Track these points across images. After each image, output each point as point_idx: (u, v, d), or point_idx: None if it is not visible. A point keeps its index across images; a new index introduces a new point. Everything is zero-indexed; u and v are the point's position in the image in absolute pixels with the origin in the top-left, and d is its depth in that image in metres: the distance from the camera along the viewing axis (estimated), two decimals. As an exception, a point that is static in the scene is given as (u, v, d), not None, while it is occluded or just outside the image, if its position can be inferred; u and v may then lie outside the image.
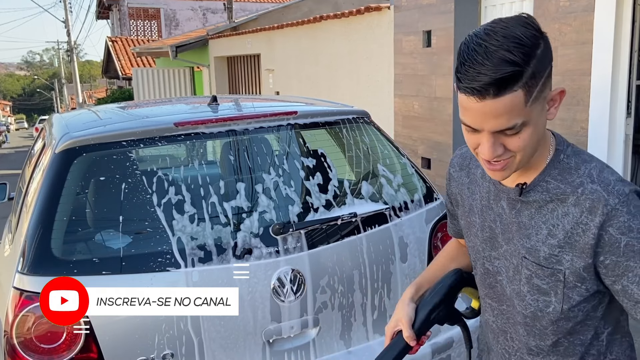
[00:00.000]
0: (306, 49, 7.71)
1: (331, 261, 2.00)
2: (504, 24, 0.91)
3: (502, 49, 0.87)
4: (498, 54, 0.87)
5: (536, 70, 0.90)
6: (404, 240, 2.17)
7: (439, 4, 5.12)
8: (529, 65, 0.88)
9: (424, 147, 5.60)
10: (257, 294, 1.88)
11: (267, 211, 1.99)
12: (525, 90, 0.89)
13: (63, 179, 1.86)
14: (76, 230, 1.90)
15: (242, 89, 10.57)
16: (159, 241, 1.84)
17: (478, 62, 0.87)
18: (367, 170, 2.35)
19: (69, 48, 27.60)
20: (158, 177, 1.93)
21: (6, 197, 3.39)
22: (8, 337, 1.68)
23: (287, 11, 10.73)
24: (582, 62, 3.79)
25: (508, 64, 0.87)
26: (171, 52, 11.14)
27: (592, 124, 3.75)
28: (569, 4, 3.86)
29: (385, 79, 6.10)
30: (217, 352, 1.85)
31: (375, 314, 2.11)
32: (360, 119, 2.41)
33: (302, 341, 1.99)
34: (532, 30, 0.90)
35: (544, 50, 0.92)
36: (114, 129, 2.06)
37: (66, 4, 25.10)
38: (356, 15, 6.40)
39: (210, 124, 2.07)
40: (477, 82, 0.88)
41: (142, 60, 18.12)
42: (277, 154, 2.22)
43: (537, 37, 0.91)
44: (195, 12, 22.28)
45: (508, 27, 0.90)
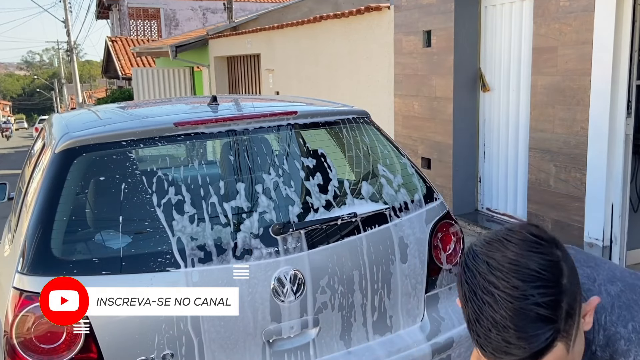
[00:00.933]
0: (306, 49, 7.71)
1: (331, 261, 2.00)
2: (511, 259, 0.70)
3: (524, 301, 0.67)
4: (522, 312, 0.67)
5: (570, 307, 0.70)
6: (404, 240, 2.17)
7: (439, 4, 5.12)
8: (561, 310, 0.69)
9: (424, 147, 5.60)
10: (257, 294, 1.88)
11: (267, 211, 1.99)
12: (565, 339, 0.71)
13: (63, 179, 1.86)
14: (76, 230, 1.90)
15: (242, 89, 10.56)
16: (159, 241, 1.84)
17: (498, 324, 0.68)
18: (367, 170, 2.35)
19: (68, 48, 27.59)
20: (158, 177, 1.93)
21: (6, 197, 3.39)
22: (8, 337, 1.68)
23: (287, 11, 10.72)
24: (582, 62, 3.79)
25: (540, 323, 0.67)
26: (171, 52, 11.13)
27: (592, 124, 3.75)
28: (569, 4, 3.86)
29: (385, 79, 6.09)
30: (217, 352, 1.85)
31: (375, 314, 2.11)
32: (360, 119, 2.41)
33: (302, 341, 1.99)
34: (548, 255, 0.70)
35: (568, 270, 0.72)
36: (114, 129, 2.06)
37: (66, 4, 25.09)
38: (356, 15, 6.39)
39: (210, 124, 2.07)
40: (510, 356, 0.69)
41: (142, 60, 18.11)
42: (277, 154, 2.22)
43: (557, 262, 0.70)
44: (195, 12, 22.28)
45: (518, 262, 0.69)
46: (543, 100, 4.16)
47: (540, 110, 4.19)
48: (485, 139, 5.20)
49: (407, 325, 2.19)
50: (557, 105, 4.03)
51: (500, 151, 5.02)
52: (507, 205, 5.03)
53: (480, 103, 5.19)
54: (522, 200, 4.77)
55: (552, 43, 4.01)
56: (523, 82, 4.61)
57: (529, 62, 4.41)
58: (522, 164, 4.67)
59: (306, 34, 7.67)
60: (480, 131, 5.24)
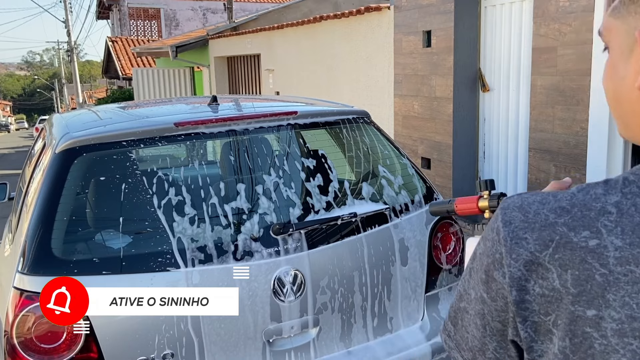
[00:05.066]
0: (306, 49, 7.71)
1: (331, 261, 2.01)
2: None
3: None
4: None
5: None
6: (404, 240, 2.17)
7: (439, 4, 5.12)
8: None
9: (424, 147, 5.60)
10: (258, 294, 1.88)
11: (267, 211, 1.99)
12: None
13: (63, 179, 1.86)
14: (76, 230, 1.90)
15: (242, 89, 10.56)
16: (159, 241, 1.84)
17: None
18: (367, 170, 2.35)
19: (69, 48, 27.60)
20: (158, 177, 1.93)
21: (6, 197, 3.39)
22: (8, 337, 1.68)
23: (287, 11, 10.73)
24: (582, 62, 3.79)
25: None
26: (171, 52, 11.14)
27: (592, 124, 3.76)
28: (569, 4, 3.86)
29: (385, 79, 6.10)
30: (217, 351, 1.85)
31: (375, 314, 2.11)
32: (361, 119, 2.41)
33: (302, 341, 1.99)
34: None
35: None
36: (114, 129, 2.06)
37: (66, 4, 25.09)
38: (356, 16, 6.40)
39: (210, 124, 2.07)
40: None
41: (142, 60, 18.12)
42: (277, 154, 2.22)
43: None
44: (195, 12, 22.28)
45: None
46: (543, 100, 4.16)
47: (540, 110, 4.20)
48: (485, 139, 5.20)
49: (407, 325, 2.19)
50: (557, 105, 4.04)
51: (500, 151, 5.02)
52: (507, 205, 5.02)
53: (480, 103, 5.19)
54: (522, 200, 4.76)
55: (551, 43, 4.01)
56: (523, 82, 4.62)
57: (528, 62, 4.41)
58: (522, 164, 4.67)
59: (306, 34, 7.67)
60: (480, 131, 5.24)
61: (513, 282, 0.60)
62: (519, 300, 0.60)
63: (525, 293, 0.59)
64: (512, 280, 0.60)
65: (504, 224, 0.62)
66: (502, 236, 0.61)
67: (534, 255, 0.59)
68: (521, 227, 0.60)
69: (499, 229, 0.62)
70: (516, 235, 0.60)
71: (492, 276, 0.62)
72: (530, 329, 0.60)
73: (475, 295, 0.66)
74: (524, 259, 0.59)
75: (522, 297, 0.59)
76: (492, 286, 0.63)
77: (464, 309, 0.68)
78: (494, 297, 0.63)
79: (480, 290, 0.65)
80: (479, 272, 0.65)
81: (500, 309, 0.62)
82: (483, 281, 0.64)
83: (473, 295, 0.66)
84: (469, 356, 0.68)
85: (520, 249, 0.59)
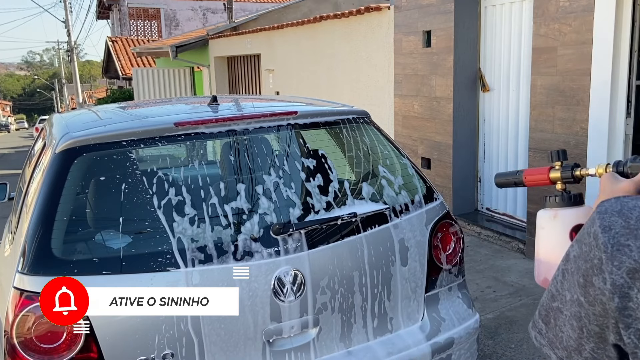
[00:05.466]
0: (306, 49, 7.71)
1: (331, 261, 2.01)
2: None
3: None
4: None
5: None
6: (404, 240, 2.17)
7: (439, 4, 5.12)
8: None
9: (424, 147, 5.60)
10: (258, 294, 1.88)
11: (267, 211, 1.99)
12: None
13: (63, 179, 1.86)
14: (76, 230, 1.90)
15: (242, 89, 10.56)
16: (159, 241, 1.84)
17: None
18: (367, 170, 2.35)
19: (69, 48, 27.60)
20: (158, 177, 1.93)
21: (6, 197, 3.39)
22: (8, 337, 1.68)
23: (287, 11, 10.73)
24: (582, 62, 3.79)
25: None
26: (171, 52, 11.14)
27: (592, 124, 3.75)
28: (569, 4, 3.86)
29: (385, 79, 6.10)
30: (217, 351, 1.85)
31: (375, 314, 2.11)
32: (360, 119, 2.41)
33: (302, 341, 1.99)
34: None
35: None
36: (114, 129, 2.06)
37: (66, 4, 25.10)
38: (356, 16, 6.40)
39: (210, 124, 2.07)
40: None
41: (142, 60, 18.12)
42: (277, 154, 2.22)
43: None
44: (195, 12, 22.29)
45: None
46: (543, 100, 4.16)
47: (540, 110, 4.20)
48: (485, 139, 5.20)
49: (407, 325, 2.19)
50: (557, 105, 4.04)
51: (500, 151, 5.02)
52: (507, 205, 5.03)
53: (480, 103, 5.19)
54: (522, 200, 4.77)
55: (551, 43, 4.01)
56: (523, 82, 4.62)
57: (528, 62, 4.41)
58: (522, 164, 4.67)
59: (306, 34, 7.67)
60: (480, 131, 5.24)
61: (615, 289, 0.59)
62: (621, 307, 0.59)
63: (628, 300, 0.59)
64: (614, 287, 0.59)
65: (602, 230, 0.60)
66: (601, 242, 0.60)
67: (638, 264, 0.58)
68: (622, 233, 0.59)
69: (597, 234, 0.61)
70: (617, 241, 0.59)
71: (590, 281, 0.61)
72: (634, 336, 0.59)
73: (571, 298, 0.65)
74: (627, 266, 0.58)
75: (624, 305, 0.59)
76: (589, 291, 0.62)
77: (558, 309, 0.68)
78: (592, 302, 0.62)
79: (577, 293, 0.64)
80: (576, 276, 0.64)
81: (599, 313, 0.61)
82: (580, 285, 0.63)
83: (568, 297, 0.65)
84: (563, 354, 0.68)
85: (623, 256, 0.58)
